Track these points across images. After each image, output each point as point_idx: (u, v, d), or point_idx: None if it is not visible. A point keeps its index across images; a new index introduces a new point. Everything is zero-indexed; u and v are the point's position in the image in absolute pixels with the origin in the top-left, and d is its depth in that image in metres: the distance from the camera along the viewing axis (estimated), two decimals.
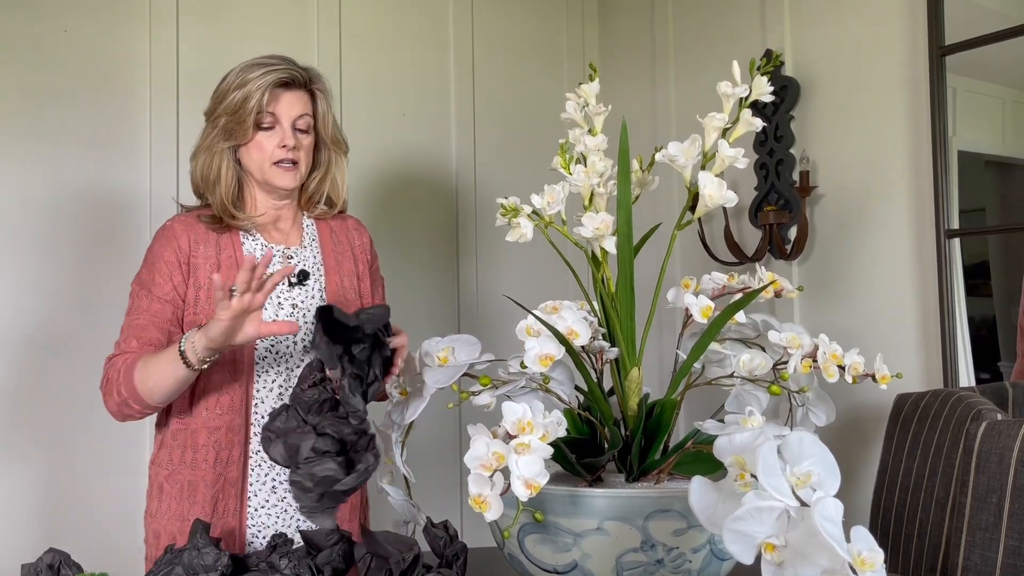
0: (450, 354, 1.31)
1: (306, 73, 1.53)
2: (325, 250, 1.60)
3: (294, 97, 1.51)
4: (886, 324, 2.13)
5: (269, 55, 1.53)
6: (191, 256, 1.50)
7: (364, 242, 1.68)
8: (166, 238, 1.51)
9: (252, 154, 1.52)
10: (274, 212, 1.58)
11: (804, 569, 0.79)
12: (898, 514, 1.78)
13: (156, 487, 1.52)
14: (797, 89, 2.31)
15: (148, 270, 1.50)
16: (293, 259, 1.56)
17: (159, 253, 1.50)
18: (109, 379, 1.44)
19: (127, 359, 1.43)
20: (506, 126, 2.74)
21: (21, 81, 2.02)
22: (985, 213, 2.13)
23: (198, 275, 1.49)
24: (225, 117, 1.49)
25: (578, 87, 1.28)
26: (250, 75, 1.48)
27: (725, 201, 1.15)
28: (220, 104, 1.50)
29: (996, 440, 1.36)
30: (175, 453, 1.50)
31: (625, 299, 1.18)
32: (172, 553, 1.20)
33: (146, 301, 1.48)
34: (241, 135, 1.49)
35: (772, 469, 0.82)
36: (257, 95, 1.47)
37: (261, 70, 1.48)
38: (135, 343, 1.46)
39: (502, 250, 2.66)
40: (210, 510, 1.47)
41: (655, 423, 1.18)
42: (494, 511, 0.98)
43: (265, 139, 1.50)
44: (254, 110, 1.47)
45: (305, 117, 1.52)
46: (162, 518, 1.50)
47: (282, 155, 1.50)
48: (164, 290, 1.47)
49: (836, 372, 1.19)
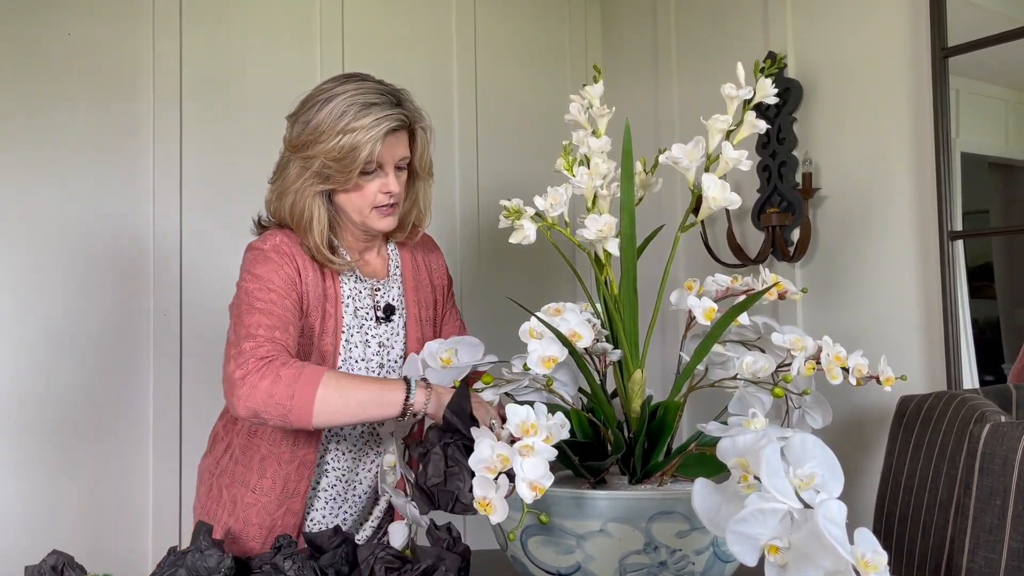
0: (453, 356, 1.31)
1: (411, 115, 1.42)
2: (407, 283, 1.55)
3: (400, 140, 1.41)
4: (889, 326, 2.13)
5: (364, 83, 1.40)
6: (303, 283, 1.41)
7: (440, 266, 1.63)
8: (276, 260, 1.39)
9: (352, 199, 1.42)
10: (364, 244, 1.52)
11: (807, 571, 0.79)
12: (902, 516, 1.78)
13: (213, 489, 1.49)
14: (800, 91, 2.31)
15: (256, 280, 1.36)
16: (379, 292, 1.51)
17: (273, 271, 1.38)
18: (276, 375, 1.24)
19: (298, 365, 1.26)
20: (509, 128, 2.75)
21: (23, 85, 2.02)
22: (988, 215, 2.12)
23: (308, 304, 1.41)
24: (324, 160, 1.36)
25: (582, 89, 1.28)
26: (358, 122, 1.34)
27: (728, 203, 1.15)
28: (316, 143, 1.36)
29: (1000, 442, 1.36)
30: (239, 468, 1.46)
31: (628, 301, 1.18)
32: (175, 555, 1.20)
33: (277, 296, 1.35)
34: (343, 183, 1.39)
35: (775, 471, 0.82)
36: (369, 146, 1.35)
37: (370, 117, 1.35)
38: (279, 333, 1.31)
39: (505, 252, 2.66)
40: (266, 533, 1.44)
41: (658, 425, 1.18)
42: (499, 513, 0.98)
43: (367, 184, 1.41)
44: (363, 161, 1.36)
45: (404, 158, 1.44)
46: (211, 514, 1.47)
47: (385, 200, 1.42)
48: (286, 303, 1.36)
49: (840, 374, 1.19)
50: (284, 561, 1.20)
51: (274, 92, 2.25)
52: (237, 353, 1.28)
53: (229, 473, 1.47)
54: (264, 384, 1.25)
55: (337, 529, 1.28)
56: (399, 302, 1.53)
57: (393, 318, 1.51)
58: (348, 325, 1.46)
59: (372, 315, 1.49)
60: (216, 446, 1.52)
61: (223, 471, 1.48)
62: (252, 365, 1.26)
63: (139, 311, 2.13)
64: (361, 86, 1.39)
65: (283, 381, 1.24)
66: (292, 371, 1.25)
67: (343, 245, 1.49)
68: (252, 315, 1.32)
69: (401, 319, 1.52)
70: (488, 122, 2.70)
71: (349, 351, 1.45)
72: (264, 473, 1.44)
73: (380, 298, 1.51)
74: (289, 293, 1.37)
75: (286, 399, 1.24)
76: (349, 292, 1.47)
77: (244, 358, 1.27)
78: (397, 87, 1.45)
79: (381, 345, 1.49)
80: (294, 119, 1.42)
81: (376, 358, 1.48)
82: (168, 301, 2.16)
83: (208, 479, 1.51)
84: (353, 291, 1.48)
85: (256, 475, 1.44)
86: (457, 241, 2.61)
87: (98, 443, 2.07)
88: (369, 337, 1.48)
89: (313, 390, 1.23)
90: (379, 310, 1.50)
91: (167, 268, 2.16)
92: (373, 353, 1.48)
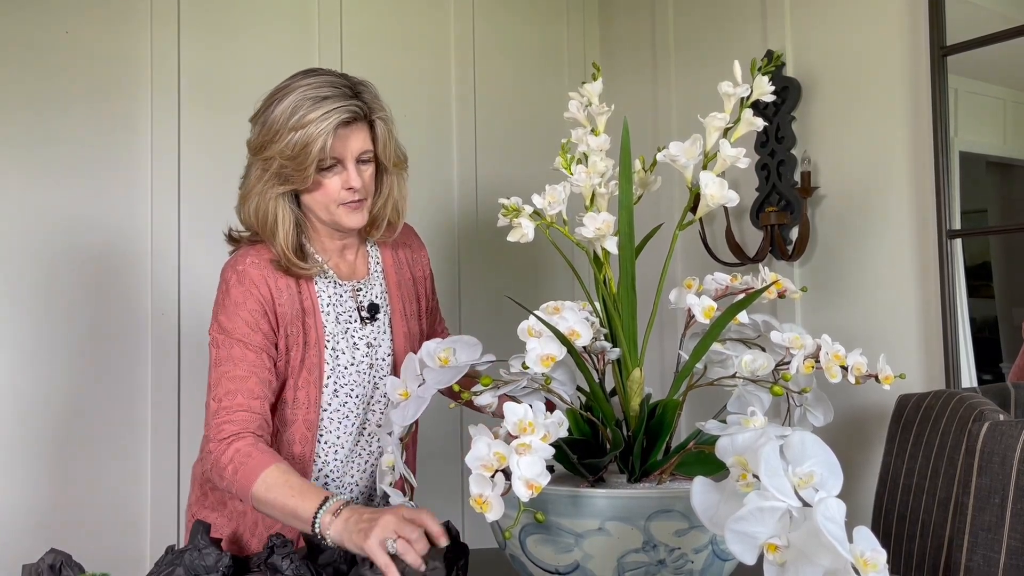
0: (451, 355, 1.31)
1: (367, 105, 1.38)
2: (389, 278, 1.53)
3: (356, 133, 1.37)
4: (887, 325, 2.13)
5: (319, 77, 1.37)
6: (276, 304, 1.39)
7: (421, 257, 1.61)
8: (245, 287, 1.37)
9: (316, 197, 1.39)
10: (340, 243, 1.48)
11: (806, 569, 0.79)
12: (900, 515, 1.78)
13: (204, 495, 1.49)
14: (798, 90, 2.31)
15: (229, 318, 1.36)
16: (361, 291, 1.49)
17: (240, 302, 1.36)
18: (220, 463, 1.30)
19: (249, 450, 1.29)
20: (507, 126, 2.74)
21: (21, 83, 2.02)
22: (987, 214, 2.12)
23: (286, 324, 1.39)
24: (280, 160, 1.34)
25: (581, 87, 1.28)
26: (308, 115, 1.32)
27: (727, 200, 1.15)
28: (272, 143, 1.35)
29: (998, 441, 1.36)
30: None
31: (627, 299, 1.18)
32: (173, 554, 1.20)
33: (239, 350, 1.35)
34: (301, 182, 1.36)
35: (774, 469, 0.82)
36: (320, 140, 1.32)
37: (320, 110, 1.32)
38: (241, 397, 1.33)
39: (503, 250, 2.66)
40: (263, 530, 1.44)
41: (657, 423, 1.18)
42: (495, 511, 0.98)
43: (328, 180, 1.38)
44: (316, 157, 1.33)
45: (367, 151, 1.40)
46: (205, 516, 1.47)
47: (349, 196, 1.39)
48: (255, 339, 1.36)
49: (839, 373, 1.18)
50: (282, 560, 1.20)
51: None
52: (209, 420, 1.35)
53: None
54: (219, 467, 1.31)
55: None
56: (383, 299, 1.51)
57: (378, 316, 1.49)
58: (332, 333, 1.44)
59: (356, 316, 1.47)
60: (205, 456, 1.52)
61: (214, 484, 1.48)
62: (213, 446, 1.32)
63: (137, 310, 2.13)
64: (316, 80, 1.36)
65: (229, 469, 1.29)
66: (239, 460, 1.29)
67: (317, 248, 1.46)
68: (219, 383, 1.35)
69: (386, 316, 1.51)
70: (486, 120, 2.70)
71: (336, 359, 1.44)
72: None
73: (363, 298, 1.49)
74: (253, 336, 1.36)
75: (230, 486, 1.30)
76: (328, 300, 1.45)
77: (213, 431, 1.33)
78: (358, 79, 1.41)
79: (369, 345, 1.48)
80: (254, 120, 1.40)
81: (366, 360, 1.47)
82: (166, 300, 2.15)
83: (199, 486, 1.51)
84: (332, 297, 1.46)
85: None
86: (455, 239, 2.61)
87: (96, 442, 2.07)
88: (356, 340, 1.46)
89: (249, 483, 1.27)
90: (363, 310, 1.48)
91: (165, 266, 2.15)
92: (362, 356, 1.46)
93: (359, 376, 1.46)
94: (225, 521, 1.46)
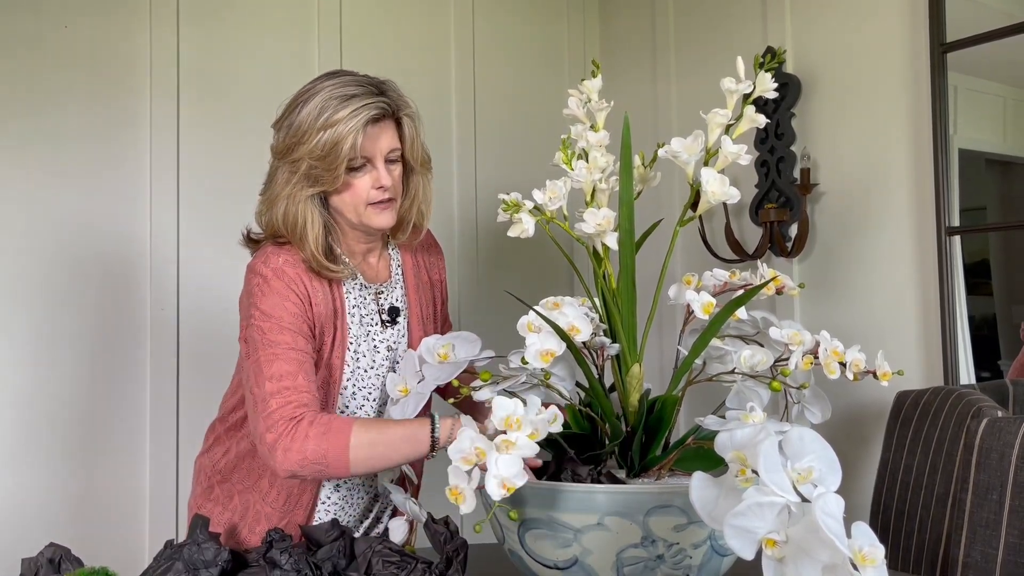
0: (450, 351, 1.31)
1: (393, 102, 1.37)
2: (408, 282, 1.52)
3: (384, 131, 1.36)
4: (886, 322, 2.13)
5: (343, 77, 1.37)
6: (312, 304, 1.37)
7: (440, 266, 1.61)
8: (284, 282, 1.36)
9: (345, 198, 1.38)
10: (365, 247, 1.48)
11: (805, 565, 0.79)
12: (899, 510, 1.78)
13: (210, 488, 1.48)
14: (798, 86, 2.31)
15: (274, 307, 1.34)
16: (383, 295, 1.49)
17: (284, 294, 1.35)
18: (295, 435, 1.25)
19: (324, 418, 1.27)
20: (507, 125, 2.74)
21: (19, 77, 2.02)
22: (986, 211, 2.13)
23: (320, 323, 1.38)
24: (309, 162, 1.33)
25: (581, 83, 1.28)
26: (337, 115, 1.31)
27: (727, 197, 1.15)
28: (300, 145, 1.33)
29: (997, 437, 1.36)
30: (241, 472, 1.46)
31: (626, 295, 1.18)
32: (172, 548, 1.20)
33: (289, 336, 1.32)
34: (331, 182, 1.35)
35: (773, 465, 0.82)
36: (350, 138, 1.31)
37: (348, 108, 1.31)
38: (301, 379, 1.30)
39: (503, 246, 2.66)
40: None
41: (656, 419, 1.18)
42: (468, 504, 0.98)
43: (357, 180, 1.36)
44: (347, 155, 1.32)
45: (395, 150, 1.39)
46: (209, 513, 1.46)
47: (379, 196, 1.37)
48: (303, 328, 1.34)
49: (837, 369, 1.19)
50: (281, 555, 1.20)
51: (271, 89, 2.24)
52: (266, 414, 1.28)
53: (229, 478, 1.47)
54: (296, 446, 1.26)
55: (334, 523, 1.27)
56: (403, 303, 1.51)
57: (399, 320, 1.49)
58: (355, 335, 1.44)
59: (377, 320, 1.47)
60: (215, 448, 1.51)
61: (223, 477, 1.48)
62: (282, 428, 1.27)
63: (136, 305, 2.13)
64: (340, 80, 1.36)
65: (312, 441, 1.25)
66: (320, 429, 1.25)
67: (344, 250, 1.45)
68: (272, 363, 1.31)
69: (405, 320, 1.50)
70: (486, 117, 2.70)
71: (357, 361, 1.43)
72: (271, 481, 1.44)
73: (384, 301, 1.49)
74: (301, 326, 1.34)
75: (320, 458, 1.25)
76: (354, 301, 1.45)
77: (273, 420, 1.27)
78: (381, 78, 1.41)
79: (389, 349, 1.47)
80: (278, 125, 1.40)
81: (385, 363, 1.47)
82: (165, 295, 2.15)
83: (205, 479, 1.51)
84: (358, 299, 1.46)
85: (258, 480, 1.44)
86: (455, 236, 2.61)
87: (95, 437, 2.07)
88: (376, 343, 1.46)
89: (345, 445, 1.24)
90: (384, 313, 1.47)
91: (163, 261, 2.15)
92: (382, 359, 1.46)
93: (378, 379, 1.46)
94: (228, 515, 1.46)
